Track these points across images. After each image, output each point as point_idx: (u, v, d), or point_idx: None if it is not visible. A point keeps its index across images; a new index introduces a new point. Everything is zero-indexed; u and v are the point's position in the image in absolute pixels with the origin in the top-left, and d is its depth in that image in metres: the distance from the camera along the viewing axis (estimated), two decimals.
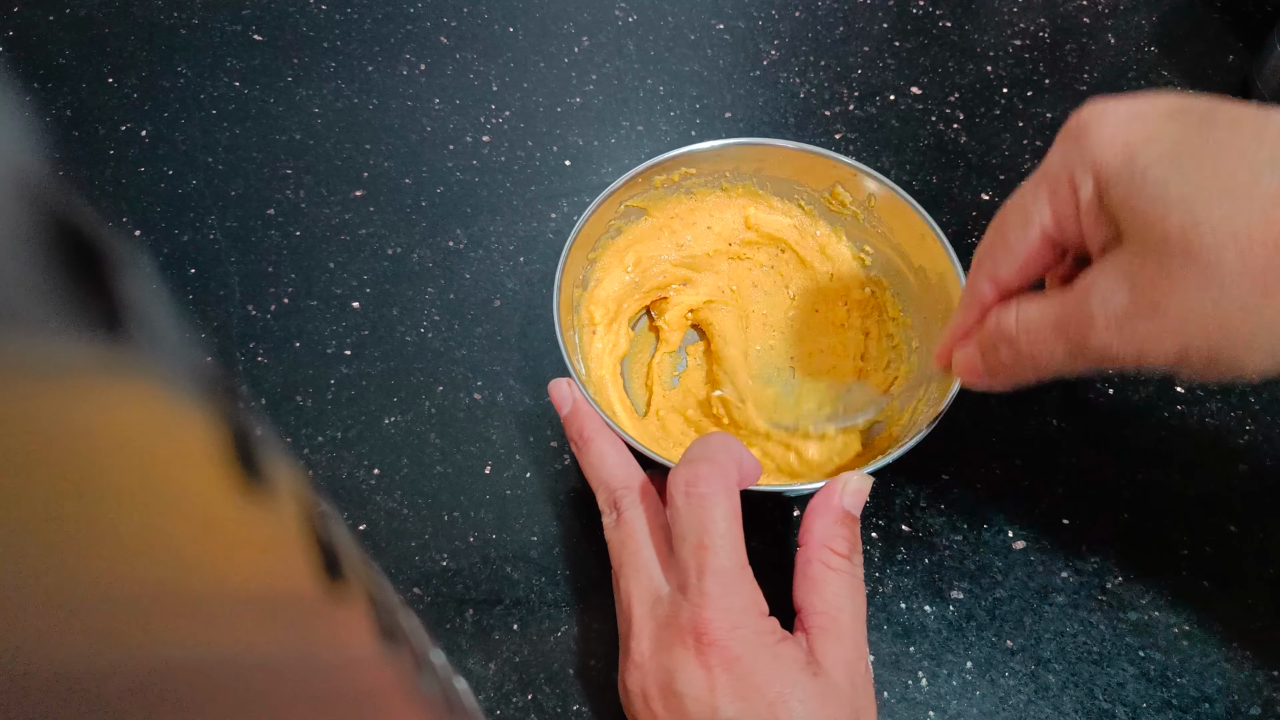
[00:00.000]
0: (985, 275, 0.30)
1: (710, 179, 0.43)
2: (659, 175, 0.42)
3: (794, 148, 0.42)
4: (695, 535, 0.30)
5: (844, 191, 0.42)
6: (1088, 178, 0.26)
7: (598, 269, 0.43)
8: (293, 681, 0.12)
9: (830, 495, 0.33)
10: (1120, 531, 0.40)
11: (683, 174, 0.42)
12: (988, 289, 0.30)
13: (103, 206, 0.49)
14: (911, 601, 0.39)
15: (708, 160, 0.42)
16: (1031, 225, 0.27)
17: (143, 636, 0.09)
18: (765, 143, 0.42)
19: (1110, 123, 0.25)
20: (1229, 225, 0.22)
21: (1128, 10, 0.59)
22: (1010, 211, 0.28)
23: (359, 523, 0.40)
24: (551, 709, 0.36)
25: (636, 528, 0.33)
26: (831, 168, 0.42)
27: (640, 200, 0.42)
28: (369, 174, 0.51)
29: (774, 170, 0.43)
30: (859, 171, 0.41)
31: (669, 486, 0.31)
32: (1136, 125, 0.25)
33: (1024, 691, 0.37)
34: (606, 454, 0.34)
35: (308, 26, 0.57)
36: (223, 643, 0.10)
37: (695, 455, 0.31)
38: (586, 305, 0.42)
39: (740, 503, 0.31)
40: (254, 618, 0.11)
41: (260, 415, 0.29)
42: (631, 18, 0.58)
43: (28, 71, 0.54)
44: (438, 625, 0.38)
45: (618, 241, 0.43)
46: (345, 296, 0.46)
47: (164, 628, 0.09)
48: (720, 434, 0.33)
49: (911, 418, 0.38)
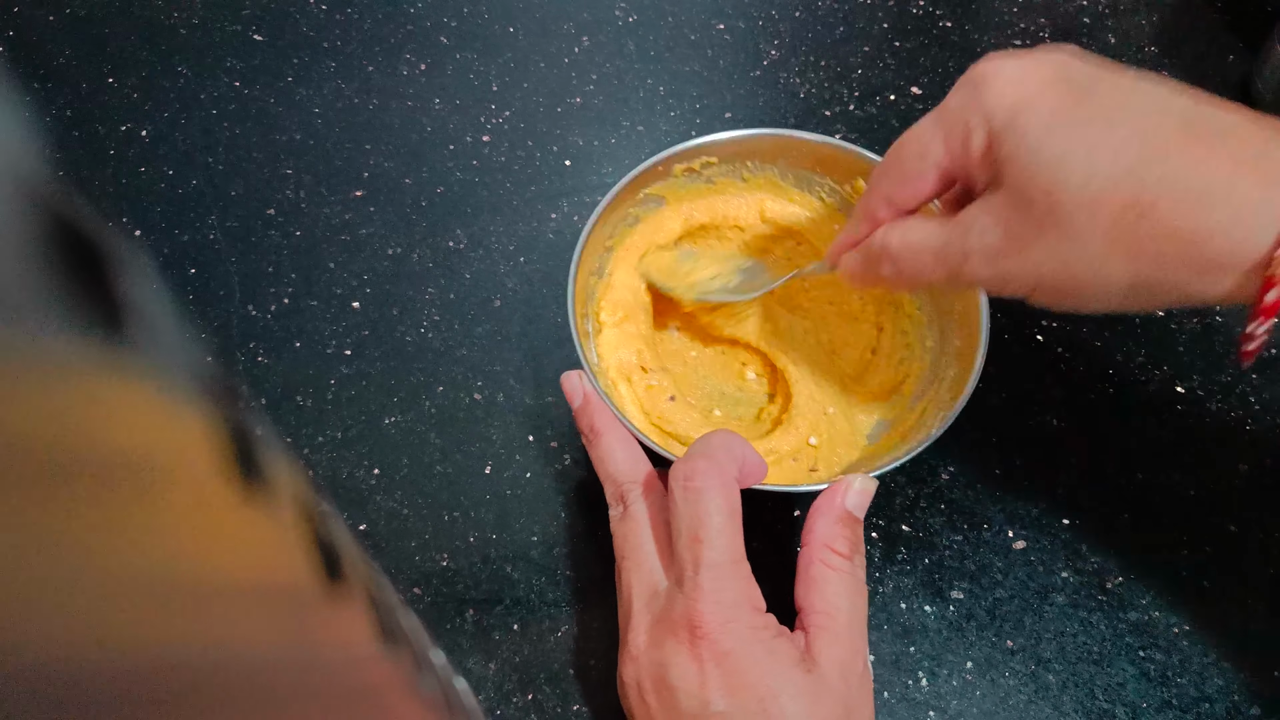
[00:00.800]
0: (880, 196, 0.33)
1: (731, 168, 0.43)
2: (680, 164, 0.41)
3: (817, 140, 0.41)
4: (690, 529, 0.30)
5: (865, 184, 0.42)
6: (980, 128, 0.29)
7: (614, 257, 0.43)
8: (293, 681, 0.12)
9: (834, 496, 0.33)
10: (1120, 531, 0.40)
11: (703, 163, 0.42)
12: (881, 207, 0.33)
13: (103, 206, 0.49)
14: (912, 601, 0.39)
15: (730, 149, 0.42)
16: (927, 158, 0.31)
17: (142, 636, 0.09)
18: (788, 134, 0.42)
19: (1003, 80, 0.28)
20: (1085, 191, 0.26)
21: (1128, 10, 0.59)
22: (909, 142, 0.31)
23: (359, 522, 0.40)
24: (551, 709, 0.36)
25: (640, 521, 0.33)
26: (854, 161, 0.41)
27: (660, 188, 0.42)
28: (369, 174, 0.51)
29: (796, 162, 0.43)
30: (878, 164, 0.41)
31: (669, 481, 0.31)
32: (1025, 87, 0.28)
33: (1024, 691, 0.37)
34: (615, 448, 0.35)
35: (308, 26, 0.57)
36: (223, 642, 0.10)
37: (696, 451, 0.31)
38: (600, 297, 0.42)
39: (740, 499, 0.31)
40: (254, 617, 0.11)
41: (260, 415, 0.29)
42: (632, 18, 0.58)
43: (28, 71, 0.54)
44: (438, 625, 0.38)
45: (636, 230, 0.43)
46: (345, 296, 0.46)
47: (164, 627, 0.09)
48: (724, 431, 0.33)
49: (920, 420, 0.38)
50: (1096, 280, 0.27)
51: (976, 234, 0.29)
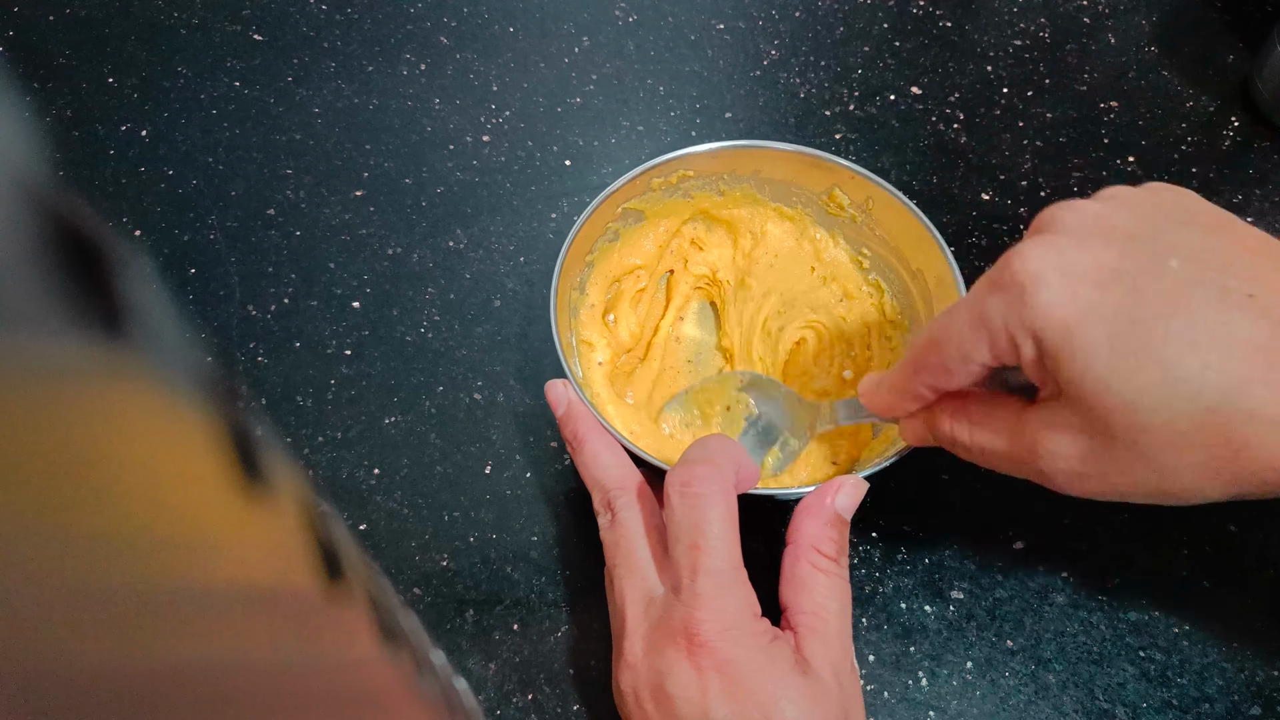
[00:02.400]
0: (925, 384, 0.31)
1: (708, 181, 0.43)
2: (657, 178, 0.41)
3: (791, 150, 0.42)
4: (690, 535, 0.30)
5: (842, 194, 0.42)
6: (1029, 342, 0.27)
7: (595, 273, 0.43)
8: (293, 681, 0.12)
9: (822, 496, 0.33)
10: (1120, 531, 0.40)
11: (680, 176, 0.42)
12: (927, 393, 0.31)
13: (103, 206, 0.49)
14: (911, 601, 0.39)
15: (705, 163, 0.42)
16: (971, 360, 0.28)
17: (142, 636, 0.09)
18: (762, 145, 0.42)
19: (1048, 292, 0.26)
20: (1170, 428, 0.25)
21: (1128, 10, 0.59)
22: (948, 342, 0.29)
23: (359, 523, 0.40)
24: (551, 709, 0.36)
25: (631, 528, 0.33)
26: (829, 170, 0.41)
27: (638, 203, 0.42)
28: (369, 174, 0.51)
29: (772, 172, 0.43)
30: (856, 174, 0.41)
31: (665, 486, 0.31)
32: (1074, 299, 0.26)
33: (1024, 691, 0.37)
34: (601, 454, 0.34)
35: (308, 26, 0.57)
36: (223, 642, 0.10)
37: (693, 456, 0.31)
38: (582, 310, 0.42)
39: (738, 505, 0.31)
40: (254, 618, 0.11)
41: (260, 415, 0.29)
42: (632, 18, 0.58)
43: (28, 71, 0.54)
44: (438, 625, 0.38)
45: (615, 245, 0.43)
46: (345, 296, 0.46)
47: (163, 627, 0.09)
48: (719, 436, 0.33)
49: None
50: (1192, 497, 0.26)
51: (1050, 457, 0.28)
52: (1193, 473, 0.25)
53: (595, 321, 0.43)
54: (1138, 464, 0.26)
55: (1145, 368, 0.25)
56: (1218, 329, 0.24)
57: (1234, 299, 0.25)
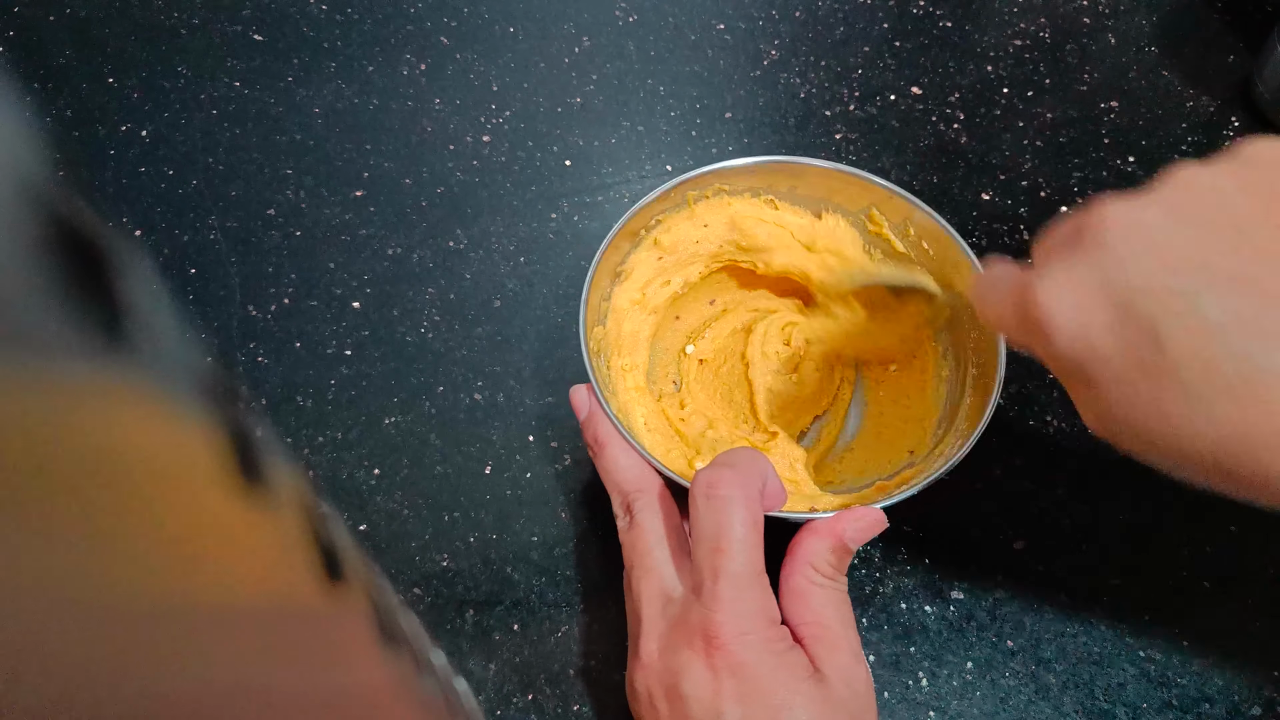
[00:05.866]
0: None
1: (744, 196, 0.42)
2: (693, 190, 0.41)
3: (829, 167, 0.40)
4: (712, 538, 0.29)
5: (880, 214, 0.41)
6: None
7: (625, 278, 0.42)
8: (293, 681, 0.12)
9: (836, 522, 0.32)
10: (1120, 531, 0.40)
11: (716, 190, 0.41)
12: None
13: (103, 207, 0.49)
14: (911, 601, 0.39)
15: (742, 177, 0.41)
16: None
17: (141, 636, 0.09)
18: (800, 161, 0.41)
19: (1061, 333, 0.26)
20: (1184, 460, 0.25)
21: (1128, 10, 0.59)
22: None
23: (359, 524, 0.40)
24: (552, 709, 0.36)
25: (649, 529, 0.33)
26: (865, 189, 0.41)
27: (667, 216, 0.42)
28: (369, 174, 0.51)
29: (808, 189, 0.42)
30: (893, 194, 0.40)
31: (691, 488, 0.31)
32: (1085, 335, 0.25)
33: (1024, 692, 0.37)
34: (620, 458, 0.34)
35: (308, 26, 0.57)
36: (223, 643, 0.10)
37: (722, 461, 0.31)
38: (609, 318, 0.41)
39: (762, 514, 0.30)
40: (254, 618, 0.11)
41: (260, 416, 0.29)
42: (632, 18, 0.58)
43: (28, 71, 0.54)
44: (438, 626, 0.38)
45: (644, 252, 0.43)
46: (345, 297, 0.46)
47: (164, 628, 0.09)
48: (749, 449, 0.33)
49: (938, 448, 0.37)
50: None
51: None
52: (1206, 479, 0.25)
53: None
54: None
55: (1152, 411, 0.25)
56: (1222, 379, 0.24)
57: (1235, 338, 0.24)
